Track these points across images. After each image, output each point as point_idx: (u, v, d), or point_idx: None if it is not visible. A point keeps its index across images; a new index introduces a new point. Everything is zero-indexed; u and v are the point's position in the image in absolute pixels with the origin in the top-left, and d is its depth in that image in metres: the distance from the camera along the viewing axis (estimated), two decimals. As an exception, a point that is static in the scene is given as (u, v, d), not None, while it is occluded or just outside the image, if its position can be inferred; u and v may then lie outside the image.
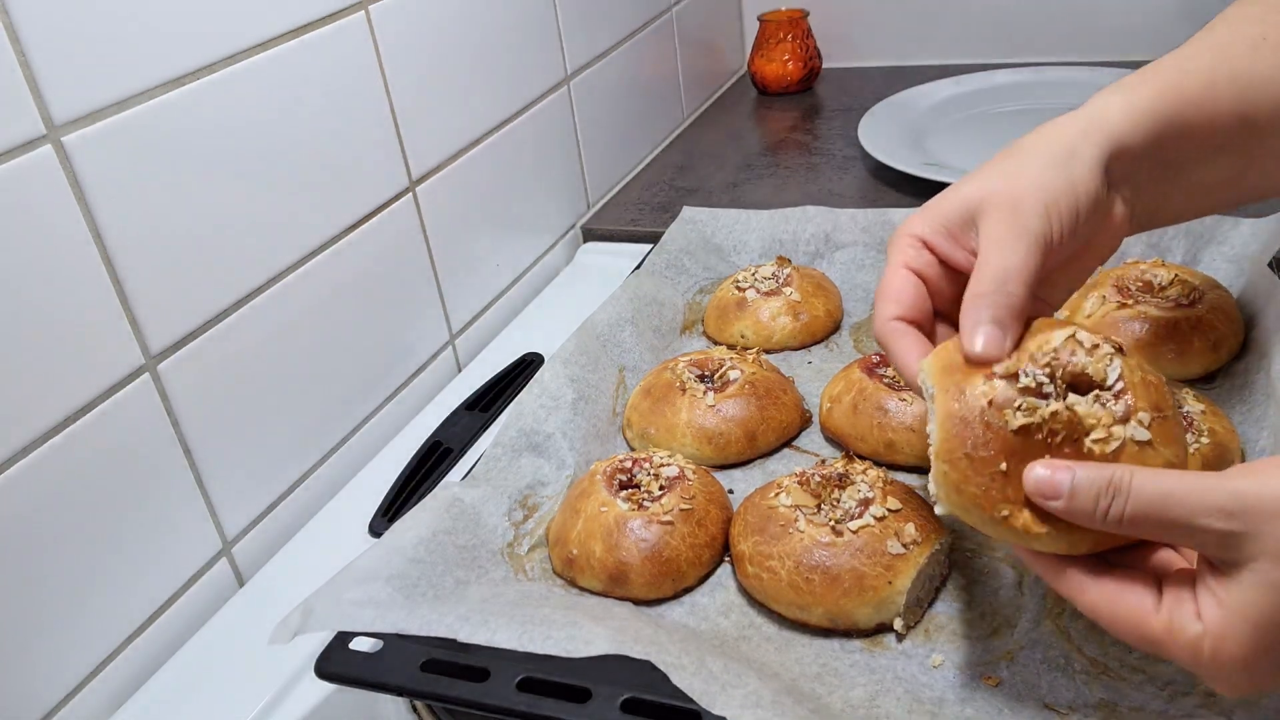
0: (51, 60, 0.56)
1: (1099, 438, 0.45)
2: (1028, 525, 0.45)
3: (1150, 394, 0.46)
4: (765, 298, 0.84)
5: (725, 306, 0.85)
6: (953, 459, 0.46)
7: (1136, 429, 0.45)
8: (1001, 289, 0.48)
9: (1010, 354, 0.47)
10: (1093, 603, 0.43)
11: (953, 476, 0.46)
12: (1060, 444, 0.45)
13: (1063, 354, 0.47)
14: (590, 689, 0.50)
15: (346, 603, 0.53)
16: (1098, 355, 0.47)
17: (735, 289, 0.85)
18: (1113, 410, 0.45)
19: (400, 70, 0.83)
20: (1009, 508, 0.45)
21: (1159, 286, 0.74)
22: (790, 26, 1.43)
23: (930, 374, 0.49)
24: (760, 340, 0.83)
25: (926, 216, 0.53)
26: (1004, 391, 0.46)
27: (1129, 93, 0.52)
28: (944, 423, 0.47)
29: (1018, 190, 0.50)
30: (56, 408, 0.58)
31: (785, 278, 0.85)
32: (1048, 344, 0.48)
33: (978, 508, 0.46)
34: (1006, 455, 0.45)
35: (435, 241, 0.89)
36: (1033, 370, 0.46)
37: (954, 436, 0.46)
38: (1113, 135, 0.51)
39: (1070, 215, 0.49)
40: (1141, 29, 1.36)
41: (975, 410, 0.46)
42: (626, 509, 0.61)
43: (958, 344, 0.49)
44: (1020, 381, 0.46)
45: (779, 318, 0.83)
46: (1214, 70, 0.52)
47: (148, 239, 0.63)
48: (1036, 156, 0.51)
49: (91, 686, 0.62)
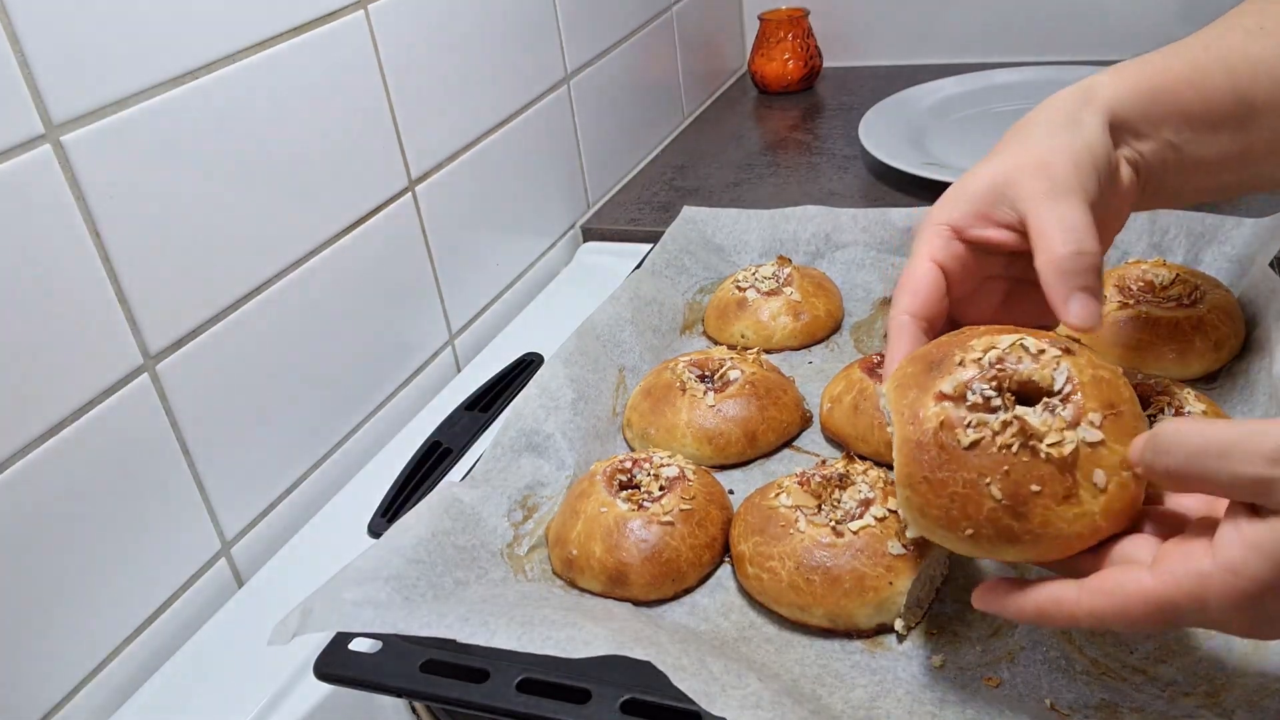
0: (50, 60, 0.56)
1: (1053, 442, 0.45)
2: (993, 543, 0.46)
3: (1101, 391, 0.46)
4: (765, 298, 0.83)
5: (725, 306, 0.85)
6: (913, 484, 0.47)
7: (1087, 430, 0.45)
8: (1080, 249, 0.48)
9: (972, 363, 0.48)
10: (1091, 608, 0.43)
11: (916, 501, 0.47)
12: (1016, 454, 0.45)
13: (1009, 362, 0.47)
14: (590, 690, 0.50)
15: (345, 603, 0.53)
16: (1044, 360, 0.47)
17: (735, 289, 0.85)
18: (1062, 416, 0.45)
19: (400, 70, 0.83)
20: (972, 526, 0.45)
21: (1160, 286, 0.74)
22: (790, 26, 1.43)
23: (889, 398, 0.49)
24: (760, 340, 0.83)
25: (952, 201, 0.53)
26: (953, 412, 0.46)
27: (1117, 71, 0.54)
28: (901, 449, 0.47)
29: (1041, 155, 0.50)
30: (55, 408, 0.58)
31: (785, 277, 0.85)
32: (993, 351, 0.48)
33: (943, 528, 0.47)
34: (964, 473, 0.45)
35: (435, 241, 0.89)
36: (979, 386, 0.47)
37: (912, 461, 0.47)
38: (1106, 104, 0.52)
39: (1094, 170, 0.50)
40: (1141, 29, 1.36)
41: (929, 434, 0.47)
42: (626, 509, 0.61)
43: (911, 359, 0.50)
44: (968, 400, 0.46)
45: (779, 318, 0.83)
46: (1204, 52, 0.54)
47: (146, 239, 0.63)
48: (1044, 126, 0.52)
49: (91, 686, 0.62)
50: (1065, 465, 0.44)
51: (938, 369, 0.49)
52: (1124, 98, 0.52)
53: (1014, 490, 0.45)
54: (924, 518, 0.47)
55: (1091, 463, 0.45)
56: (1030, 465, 0.44)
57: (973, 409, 0.46)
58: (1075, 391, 0.46)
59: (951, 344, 0.50)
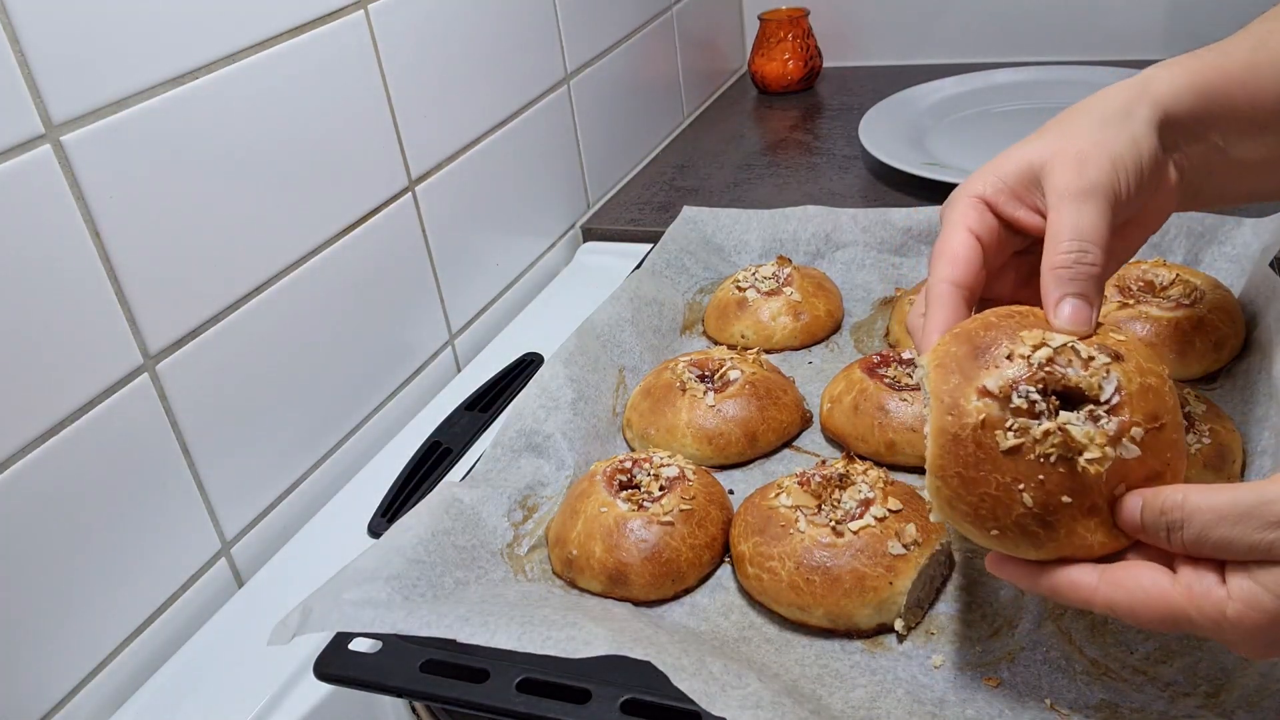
0: (50, 60, 0.56)
1: (1092, 457, 0.44)
2: (1016, 543, 0.46)
3: (1148, 401, 0.46)
4: (766, 298, 0.83)
5: (725, 306, 0.85)
6: (945, 476, 0.46)
7: (1127, 446, 0.45)
8: (1081, 258, 0.48)
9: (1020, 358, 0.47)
10: (1108, 599, 0.44)
11: (945, 492, 0.47)
12: (1054, 464, 0.45)
13: (1058, 364, 0.46)
14: (590, 690, 0.50)
15: (345, 603, 0.53)
16: (1093, 368, 0.46)
17: (735, 289, 0.85)
18: (1105, 429, 0.45)
19: (400, 69, 0.83)
20: (998, 527, 0.45)
21: (1160, 286, 0.74)
22: (791, 26, 1.43)
23: (928, 374, 0.48)
24: (760, 340, 0.83)
25: (987, 176, 0.52)
26: (996, 411, 0.45)
27: (1174, 67, 0.52)
28: (937, 437, 0.47)
29: (1082, 146, 0.50)
30: (55, 408, 0.58)
31: (786, 277, 0.85)
32: (1044, 350, 0.47)
33: (969, 522, 0.46)
34: (998, 476, 0.45)
35: (435, 241, 0.89)
36: (1025, 389, 0.46)
37: (947, 454, 0.46)
38: (1161, 101, 0.51)
39: (1135, 170, 0.49)
40: (1141, 29, 1.36)
41: (968, 429, 0.46)
42: (626, 509, 0.61)
43: (955, 336, 0.48)
44: (1013, 402, 0.46)
45: (779, 318, 0.83)
46: (1256, 52, 0.53)
47: (146, 238, 0.63)
48: (1094, 115, 0.51)
49: (91, 687, 0.62)
50: (1099, 480, 0.44)
51: (983, 357, 0.47)
52: (1180, 96, 0.52)
53: (1045, 499, 0.45)
54: (951, 510, 0.47)
55: (1119, 475, 0.45)
56: (1065, 477, 0.44)
57: (1016, 413, 0.45)
58: (1122, 405, 0.45)
59: (999, 330, 0.48)
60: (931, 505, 0.48)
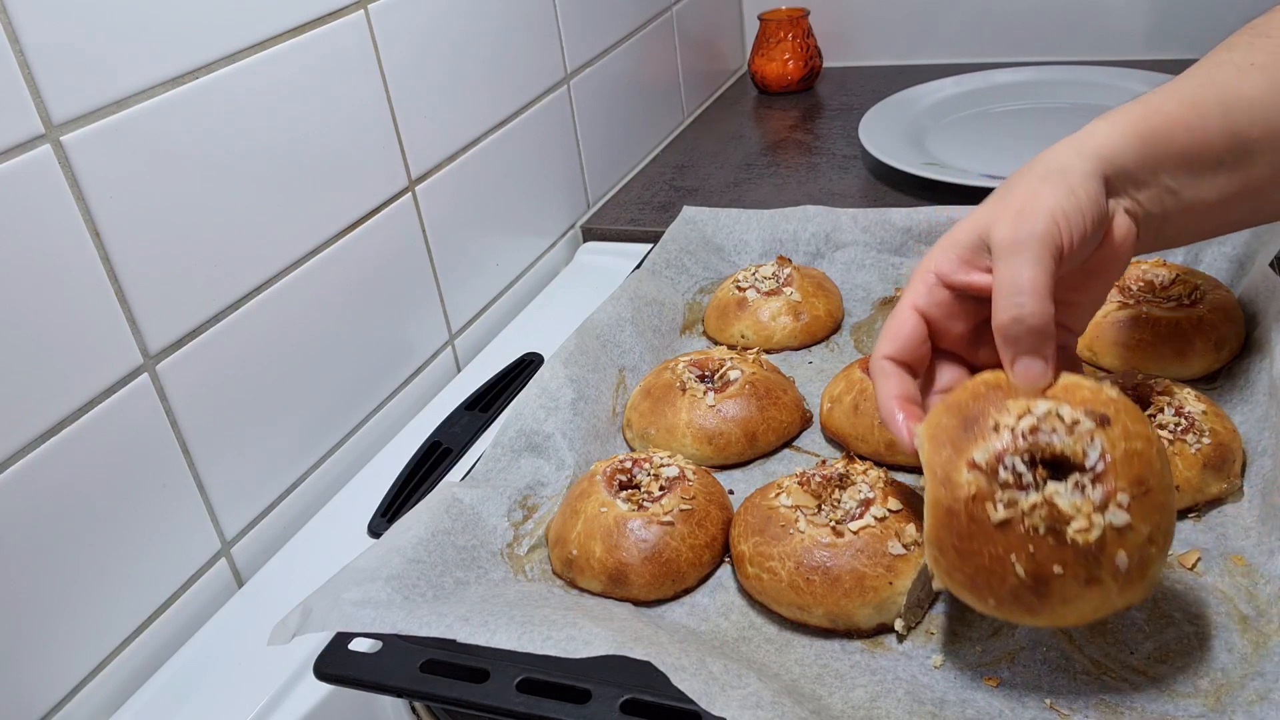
0: (50, 60, 0.56)
1: (1080, 528, 0.46)
2: (1013, 612, 0.48)
3: (1133, 466, 0.47)
4: (766, 298, 0.83)
5: (725, 306, 0.85)
6: (943, 548, 0.49)
7: (1115, 513, 0.46)
8: (1018, 313, 0.49)
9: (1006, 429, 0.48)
10: None
11: (944, 564, 0.49)
12: (1043, 535, 0.46)
13: (1042, 433, 0.48)
14: (590, 690, 0.50)
15: (345, 603, 0.53)
16: (1077, 434, 0.48)
17: (735, 289, 0.85)
18: (1091, 498, 0.46)
19: (400, 69, 0.83)
20: (995, 597, 0.47)
21: (1160, 286, 0.74)
22: (790, 26, 1.43)
23: (923, 445, 0.51)
24: (760, 340, 0.83)
25: (940, 249, 0.54)
26: (985, 484, 0.47)
27: (1114, 116, 0.54)
28: (932, 509, 0.49)
29: (1021, 201, 0.51)
30: (55, 408, 0.58)
31: (785, 278, 0.85)
32: (1028, 419, 0.48)
33: (968, 593, 0.49)
34: (991, 548, 0.47)
35: (435, 241, 0.89)
36: (1011, 460, 0.47)
37: (942, 526, 0.48)
38: (1102, 153, 0.52)
39: (1076, 218, 0.50)
40: (1141, 29, 1.36)
41: (960, 502, 0.48)
42: (626, 509, 0.61)
43: (947, 407, 0.51)
44: (1000, 475, 0.47)
45: (779, 317, 0.83)
46: (1197, 92, 0.54)
47: (146, 238, 0.63)
48: (1034, 173, 0.52)
49: (91, 687, 0.62)
50: (1089, 549, 0.46)
51: (972, 429, 0.49)
52: (1119, 145, 0.52)
53: (1037, 570, 0.46)
54: (950, 580, 0.49)
55: (1116, 545, 0.46)
56: (1055, 549, 0.46)
57: (1004, 486, 0.47)
58: (1107, 471, 0.47)
59: (986, 400, 0.50)
60: (933, 573, 0.50)
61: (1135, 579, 0.47)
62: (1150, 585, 0.48)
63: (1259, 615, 0.53)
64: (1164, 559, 0.48)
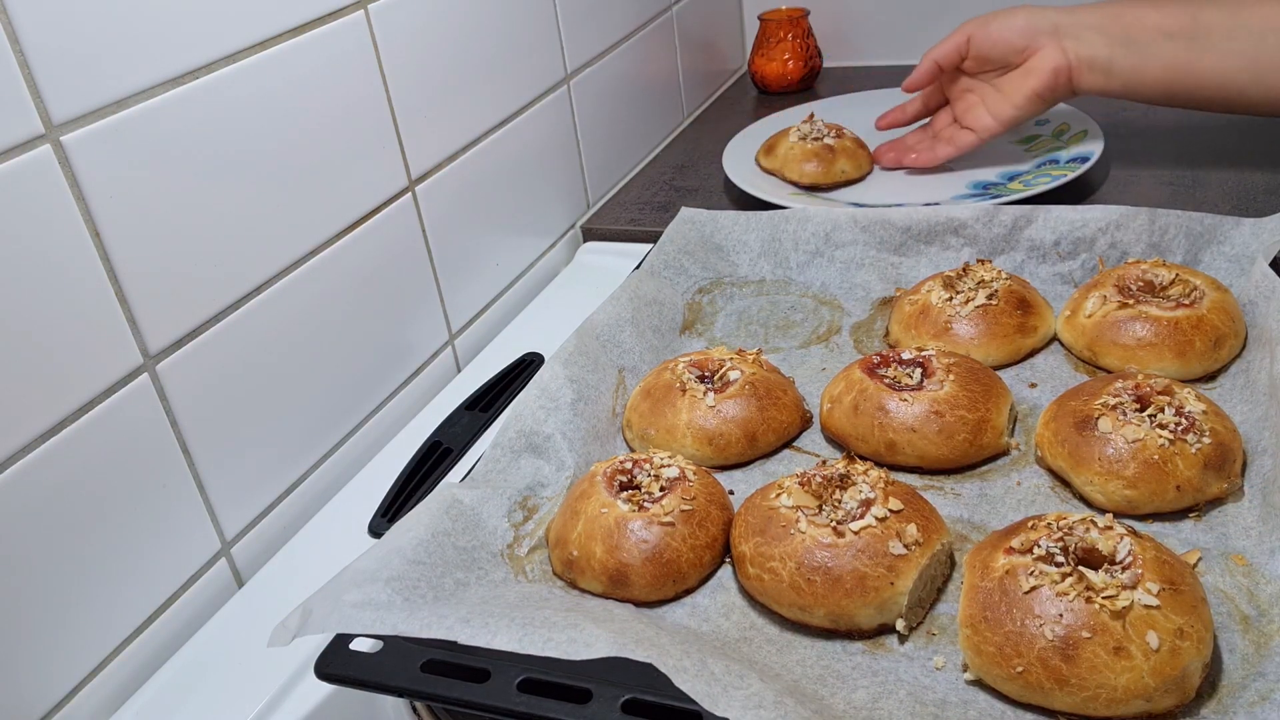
0: (50, 60, 0.56)
1: (1109, 595, 0.48)
2: (1041, 681, 0.48)
3: (1164, 571, 0.50)
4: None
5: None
6: (973, 623, 0.51)
7: (1144, 594, 0.48)
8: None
9: (1043, 527, 0.53)
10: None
11: (974, 639, 0.51)
12: (1073, 600, 0.48)
13: (1077, 531, 0.52)
14: (591, 690, 0.50)
15: (345, 604, 0.53)
16: (1110, 535, 0.52)
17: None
18: (1121, 579, 0.49)
19: (400, 69, 0.83)
20: (1023, 663, 0.48)
21: (1160, 286, 0.74)
22: (790, 25, 1.42)
23: (965, 557, 0.56)
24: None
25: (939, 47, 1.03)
26: (1019, 560, 0.51)
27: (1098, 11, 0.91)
28: (967, 594, 0.52)
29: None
30: (55, 408, 0.58)
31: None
32: (1064, 521, 0.53)
33: (995, 665, 0.49)
34: (1019, 612, 0.49)
35: (435, 241, 0.89)
36: (1046, 543, 0.52)
37: (974, 603, 0.51)
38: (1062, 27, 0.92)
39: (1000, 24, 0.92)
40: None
41: (994, 579, 0.51)
42: (627, 510, 0.61)
43: (989, 539, 0.56)
44: (1034, 553, 0.52)
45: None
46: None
47: (146, 239, 0.62)
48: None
49: (90, 687, 0.62)
50: (1118, 617, 0.47)
51: (1011, 535, 0.54)
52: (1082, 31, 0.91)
53: (1066, 633, 0.48)
54: (979, 655, 0.50)
55: (1146, 623, 0.47)
56: (1084, 612, 0.48)
57: (1037, 560, 0.51)
58: (1136, 564, 0.50)
59: (1022, 523, 0.55)
60: (965, 658, 0.51)
61: (1167, 666, 0.47)
62: (1186, 686, 0.47)
63: (1260, 615, 0.53)
64: (1201, 666, 0.48)
